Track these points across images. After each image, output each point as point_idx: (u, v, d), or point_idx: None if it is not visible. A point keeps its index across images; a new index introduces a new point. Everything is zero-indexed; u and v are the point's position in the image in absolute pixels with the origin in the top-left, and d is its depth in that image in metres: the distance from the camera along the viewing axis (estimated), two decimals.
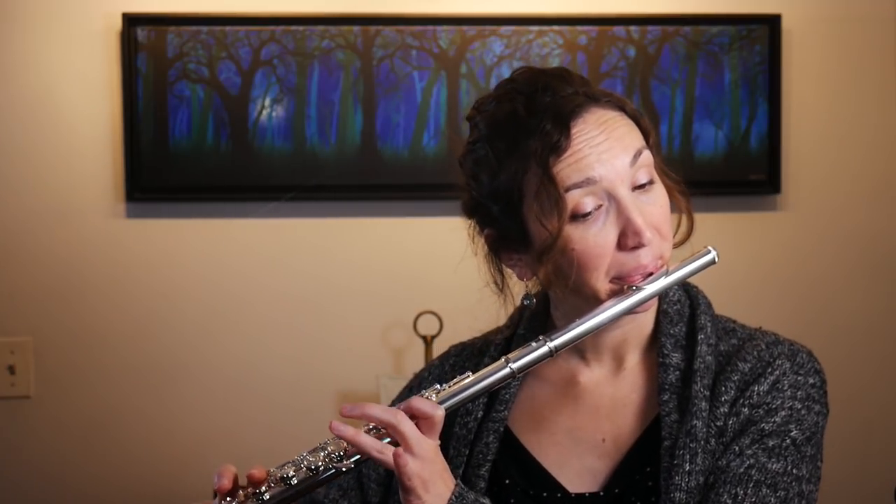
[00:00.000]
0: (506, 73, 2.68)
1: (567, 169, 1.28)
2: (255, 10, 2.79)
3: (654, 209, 1.32)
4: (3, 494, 2.82)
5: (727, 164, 2.86)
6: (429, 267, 2.84)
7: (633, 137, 1.32)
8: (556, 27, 2.82)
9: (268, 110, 2.81)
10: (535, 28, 2.82)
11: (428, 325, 2.77)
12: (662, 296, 1.40)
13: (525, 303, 1.40)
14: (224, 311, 2.86)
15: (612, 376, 1.41)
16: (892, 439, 2.95)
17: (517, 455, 1.40)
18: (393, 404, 1.52)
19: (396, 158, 2.83)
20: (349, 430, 1.24)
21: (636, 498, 1.33)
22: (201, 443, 2.85)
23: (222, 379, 2.86)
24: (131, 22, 2.75)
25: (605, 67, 2.83)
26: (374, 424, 1.26)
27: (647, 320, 1.41)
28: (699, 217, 1.41)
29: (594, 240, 1.29)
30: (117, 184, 2.81)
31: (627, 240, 1.29)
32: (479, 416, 1.42)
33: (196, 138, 2.80)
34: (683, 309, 1.41)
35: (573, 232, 1.29)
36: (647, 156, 1.32)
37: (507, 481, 1.39)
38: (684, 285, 1.44)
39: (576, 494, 1.35)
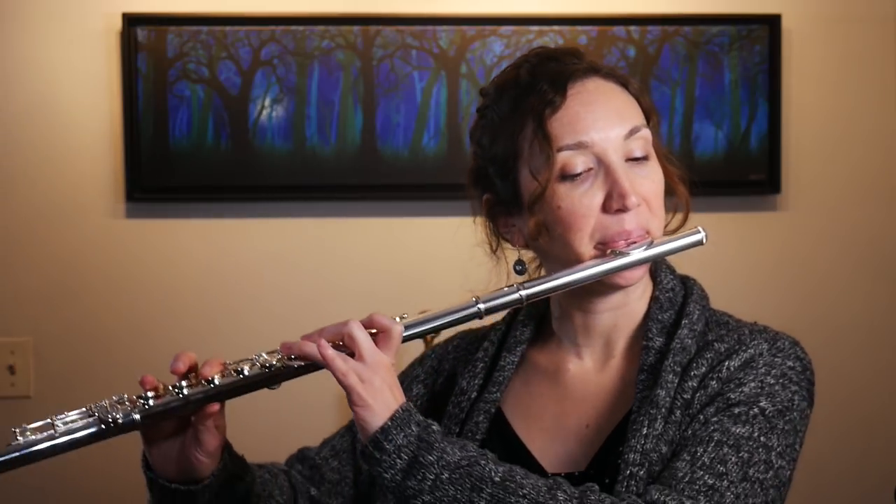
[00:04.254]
0: None
1: (561, 128, 1.32)
2: (255, 10, 2.79)
3: (645, 181, 1.34)
4: (2, 494, 2.82)
5: (727, 164, 2.86)
6: (429, 267, 2.84)
7: (632, 113, 1.36)
8: (556, 27, 2.82)
9: (268, 110, 2.81)
10: (535, 28, 2.82)
11: None
12: (656, 282, 1.42)
13: (517, 269, 1.43)
14: (224, 311, 2.86)
15: (600, 365, 1.42)
16: (892, 439, 2.95)
17: (505, 436, 1.42)
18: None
19: (396, 158, 2.83)
20: (294, 343, 1.33)
21: (607, 476, 1.32)
22: None
23: None
24: (131, 22, 2.75)
25: None
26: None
27: (638, 307, 1.42)
28: (699, 217, 1.42)
29: (580, 199, 1.32)
30: (117, 184, 2.81)
31: (612, 202, 1.32)
32: (473, 396, 1.45)
33: (196, 138, 2.80)
34: (676, 297, 1.42)
35: (561, 189, 1.32)
36: (644, 133, 1.35)
37: None
38: (682, 276, 1.45)
39: (552, 474, 1.36)
